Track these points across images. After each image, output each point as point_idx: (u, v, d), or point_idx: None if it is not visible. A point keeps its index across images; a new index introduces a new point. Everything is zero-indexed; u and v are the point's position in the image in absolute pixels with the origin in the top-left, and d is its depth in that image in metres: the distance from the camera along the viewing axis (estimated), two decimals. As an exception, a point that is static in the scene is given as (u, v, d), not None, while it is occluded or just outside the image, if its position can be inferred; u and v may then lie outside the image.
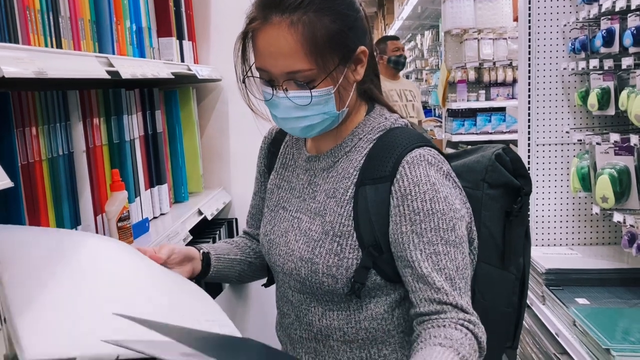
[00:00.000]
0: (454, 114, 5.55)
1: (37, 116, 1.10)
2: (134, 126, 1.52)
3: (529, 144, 2.48)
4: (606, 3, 1.99)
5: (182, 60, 1.83)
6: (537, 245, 2.48)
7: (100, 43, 1.30)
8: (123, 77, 1.19)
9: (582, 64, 2.21)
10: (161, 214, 1.69)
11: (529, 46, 2.45)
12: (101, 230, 1.32)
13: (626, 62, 1.90)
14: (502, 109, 5.42)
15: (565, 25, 2.38)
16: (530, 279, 1.47)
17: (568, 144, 2.45)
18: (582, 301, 1.96)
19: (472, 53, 5.37)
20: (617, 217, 1.93)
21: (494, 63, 5.41)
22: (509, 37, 5.34)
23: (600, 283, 2.11)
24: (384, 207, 1.03)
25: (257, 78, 1.05)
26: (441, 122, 6.12)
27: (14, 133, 1.02)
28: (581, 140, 2.20)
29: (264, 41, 1.00)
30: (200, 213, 1.77)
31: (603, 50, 2.06)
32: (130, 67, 1.26)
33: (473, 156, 1.17)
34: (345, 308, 1.07)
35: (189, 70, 1.72)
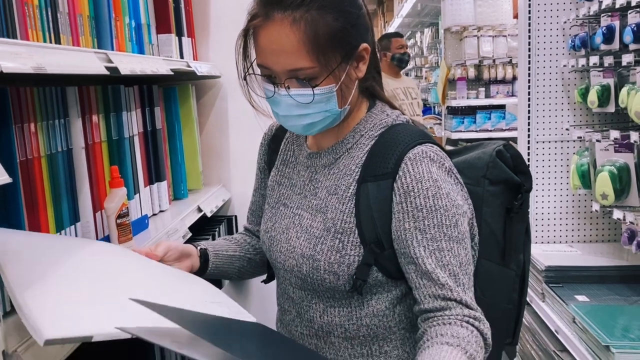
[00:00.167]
0: (454, 112, 5.54)
1: (36, 112, 1.09)
2: (133, 123, 1.52)
3: (529, 141, 2.47)
4: (606, 0, 1.99)
5: (182, 56, 1.83)
6: (537, 242, 2.48)
7: (99, 39, 1.29)
8: (122, 73, 1.19)
9: (582, 61, 2.21)
10: (160, 211, 1.69)
11: (529, 43, 2.45)
12: (100, 226, 1.31)
13: (626, 59, 1.90)
14: (502, 107, 5.42)
15: (565, 22, 2.38)
16: (530, 276, 1.47)
17: (568, 141, 2.44)
18: (582, 298, 1.96)
19: (472, 50, 5.36)
20: (617, 214, 1.93)
21: (494, 60, 5.40)
22: (509, 35, 5.34)
23: (599, 280, 2.11)
24: (386, 204, 1.02)
25: (259, 75, 1.05)
26: (441, 120, 6.12)
27: (13, 129, 1.02)
28: (581, 137, 2.19)
29: (266, 38, 0.99)
30: (199, 210, 1.77)
31: (603, 47, 2.06)
32: (129, 63, 1.25)
33: (474, 152, 1.17)
34: (346, 305, 1.07)
35: (188, 66, 1.72)
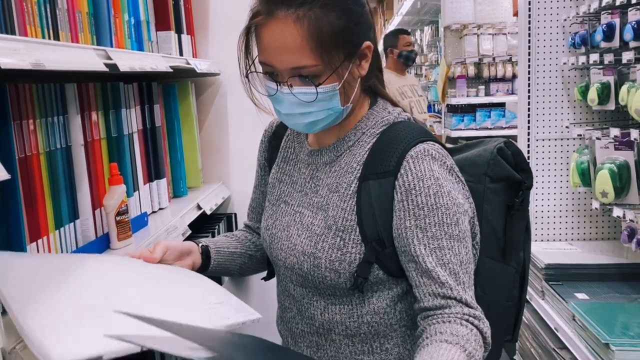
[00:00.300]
0: (454, 110, 5.54)
1: (35, 109, 1.09)
2: (133, 120, 1.52)
3: (529, 139, 2.47)
4: (607, -3, 1.98)
5: (181, 54, 1.82)
6: (537, 240, 2.48)
7: (98, 36, 1.29)
8: (121, 70, 1.18)
9: (582, 59, 2.20)
10: (160, 209, 1.69)
11: (529, 41, 2.45)
12: (99, 224, 1.31)
13: (626, 57, 1.89)
14: (502, 105, 5.42)
15: (565, 19, 2.37)
16: (529, 274, 1.47)
17: (568, 139, 2.44)
18: (582, 296, 1.96)
19: (472, 48, 5.35)
20: (617, 212, 1.93)
21: (494, 58, 5.39)
22: (509, 33, 5.33)
23: (599, 278, 2.11)
24: (388, 202, 1.02)
25: (261, 73, 1.04)
26: (440, 118, 6.11)
27: (11, 126, 1.01)
28: (581, 135, 2.19)
29: (269, 36, 0.99)
30: (199, 208, 1.77)
31: (603, 44, 2.05)
32: (128, 60, 1.25)
33: (475, 150, 1.17)
34: (347, 302, 1.07)
35: (188, 64, 1.71)
